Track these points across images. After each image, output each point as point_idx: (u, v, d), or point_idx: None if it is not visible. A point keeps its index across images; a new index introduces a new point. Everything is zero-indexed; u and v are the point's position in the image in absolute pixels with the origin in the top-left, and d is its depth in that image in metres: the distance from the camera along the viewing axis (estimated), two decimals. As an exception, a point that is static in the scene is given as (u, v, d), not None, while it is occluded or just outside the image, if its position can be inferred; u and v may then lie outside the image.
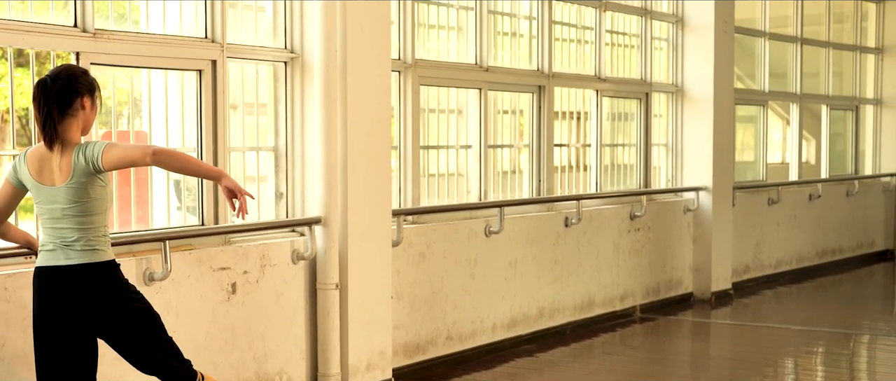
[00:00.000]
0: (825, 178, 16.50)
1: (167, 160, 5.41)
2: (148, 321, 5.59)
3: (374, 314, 8.47)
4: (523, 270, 10.50)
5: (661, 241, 12.62)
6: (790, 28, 15.68)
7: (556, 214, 11.01)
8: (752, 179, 15.11)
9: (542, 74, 11.00)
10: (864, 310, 13.39)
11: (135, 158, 5.36)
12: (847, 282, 15.46)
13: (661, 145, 13.13)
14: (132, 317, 5.51)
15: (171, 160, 5.44)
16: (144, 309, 5.58)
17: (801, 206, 15.60)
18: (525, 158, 11.02)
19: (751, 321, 12.30)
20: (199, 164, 5.72)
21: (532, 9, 11.00)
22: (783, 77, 15.77)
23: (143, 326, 5.56)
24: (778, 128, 16.14)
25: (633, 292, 12.19)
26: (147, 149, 5.34)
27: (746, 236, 14.31)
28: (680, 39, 13.16)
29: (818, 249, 16.10)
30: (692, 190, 13.06)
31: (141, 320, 5.55)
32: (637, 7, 12.55)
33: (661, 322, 11.98)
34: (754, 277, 14.55)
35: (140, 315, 5.55)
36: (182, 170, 5.60)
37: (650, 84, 12.74)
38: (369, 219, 8.36)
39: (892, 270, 16.78)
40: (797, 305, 13.74)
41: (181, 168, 5.55)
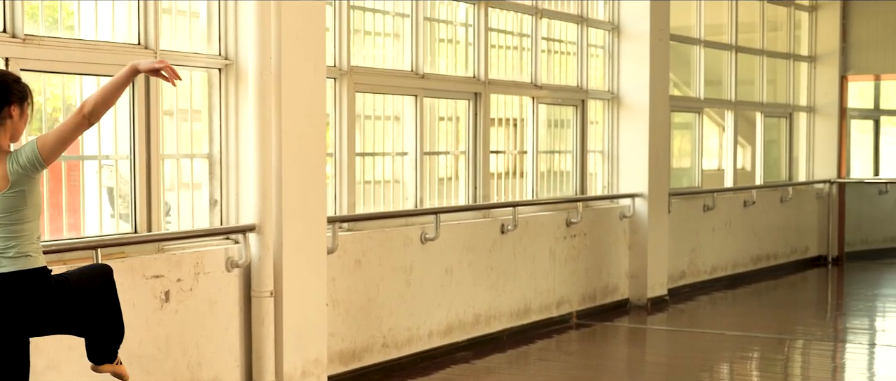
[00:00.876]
0: (760, 184, 16.64)
1: (100, 107, 5.33)
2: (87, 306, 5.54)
3: (309, 322, 8.44)
4: (459, 277, 10.50)
5: (597, 247, 12.67)
6: (725, 36, 15.80)
7: (493, 220, 11.03)
8: (687, 185, 15.20)
9: (478, 80, 11.02)
10: (799, 315, 13.51)
11: (72, 128, 5.29)
12: (781, 288, 15.58)
13: (598, 152, 13.19)
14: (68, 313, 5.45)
15: (101, 104, 5.34)
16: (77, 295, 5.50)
17: (737, 212, 15.72)
18: (461, 164, 11.02)
19: (686, 327, 12.36)
20: (115, 82, 5.56)
21: (468, 16, 11.02)
22: (718, 84, 15.89)
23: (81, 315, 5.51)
24: (714, 134, 16.26)
25: (570, 299, 12.23)
26: (79, 112, 5.28)
27: (682, 242, 14.40)
28: (616, 47, 13.23)
29: (753, 255, 16.22)
30: (628, 197, 13.13)
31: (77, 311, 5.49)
32: (573, 14, 12.60)
33: (597, 328, 12.02)
34: (690, 283, 14.64)
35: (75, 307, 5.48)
36: (111, 100, 5.45)
37: (586, 91, 12.79)
38: (304, 226, 8.33)
39: (826, 275, 16.95)
40: (732, 310, 13.84)
41: (110, 99, 5.42)
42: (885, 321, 13.11)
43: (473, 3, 10.98)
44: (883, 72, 17.82)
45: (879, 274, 16.92)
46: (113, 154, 7.64)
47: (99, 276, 5.66)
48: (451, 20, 10.89)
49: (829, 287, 16.18)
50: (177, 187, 8.12)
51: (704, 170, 15.52)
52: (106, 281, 5.66)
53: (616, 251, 13.05)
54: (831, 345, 11.36)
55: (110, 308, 5.66)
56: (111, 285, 5.67)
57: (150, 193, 7.67)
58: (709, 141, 16.05)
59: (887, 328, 12.58)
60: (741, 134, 16.59)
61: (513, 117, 11.81)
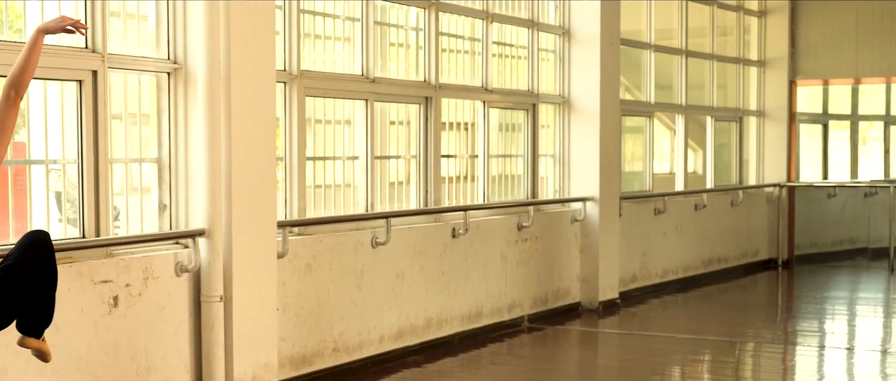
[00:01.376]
0: (710, 188, 16.73)
1: (22, 78, 5.34)
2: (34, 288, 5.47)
3: (259, 326, 8.41)
4: (410, 281, 10.50)
5: (548, 251, 12.70)
6: (675, 40, 15.88)
7: (444, 225, 11.03)
8: (639, 189, 15.27)
9: (429, 85, 11.03)
10: (749, 318, 13.58)
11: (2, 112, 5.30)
12: (732, 290, 15.67)
13: (549, 156, 13.22)
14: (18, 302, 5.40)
15: (20, 76, 5.36)
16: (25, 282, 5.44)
17: (687, 215, 15.80)
18: (413, 169, 11.02)
19: (638, 330, 12.40)
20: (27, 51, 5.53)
21: (419, 20, 11.02)
22: (669, 88, 15.97)
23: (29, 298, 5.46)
24: (666, 138, 16.34)
25: (521, 303, 12.25)
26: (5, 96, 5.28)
27: (633, 245, 14.46)
28: (566, 51, 13.27)
29: (704, 258, 16.31)
30: (579, 200, 13.16)
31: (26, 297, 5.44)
32: (524, 19, 12.63)
33: (548, 332, 12.04)
34: (641, 286, 14.70)
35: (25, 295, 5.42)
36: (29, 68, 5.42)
37: (537, 95, 12.83)
38: (254, 231, 8.31)
39: (776, 278, 17.06)
40: (683, 313, 13.90)
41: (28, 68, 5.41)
42: (835, 324, 13.19)
43: (424, 8, 10.99)
44: (831, 77, 17.97)
45: (828, 277, 17.05)
46: (61, 159, 7.59)
47: (39, 250, 5.50)
48: (402, 24, 10.89)
49: (780, 290, 16.29)
50: (126, 192, 8.07)
51: (656, 174, 15.59)
52: (47, 253, 5.53)
53: (567, 255, 13.08)
54: (781, 348, 11.42)
55: (49, 281, 5.56)
56: (50, 254, 5.53)
57: (98, 197, 7.62)
58: (660, 145, 16.13)
59: (837, 331, 12.66)
60: (692, 138, 16.69)
61: (464, 121, 11.82)
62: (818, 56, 17.69)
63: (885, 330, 12.73)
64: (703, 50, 16.59)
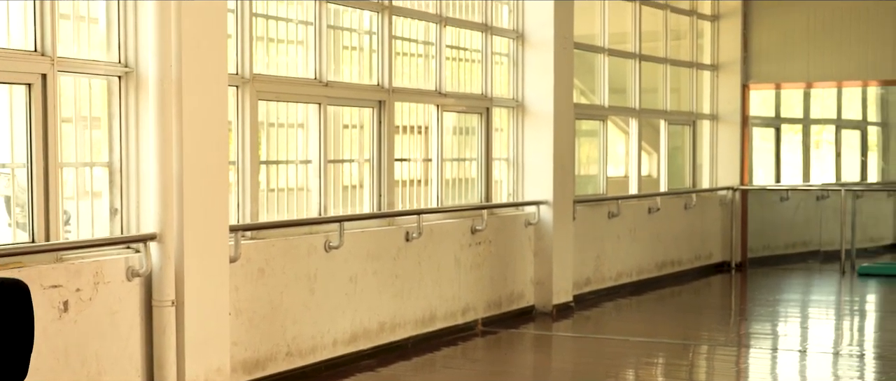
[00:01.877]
0: (664, 191, 16.80)
1: None
2: None
3: (211, 331, 8.37)
4: (364, 284, 10.48)
5: (502, 254, 12.71)
6: (629, 44, 15.94)
7: (397, 228, 11.03)
8: (592, 192, 15.31)
9: (383, 88, 11.02)
10: (703, 321, 13.65)
11: None
12: (686, 293, 15.74)
13: (503, 160, 13.24)
14: None
15: None
16: None
17: (641, 219, 15.86)
18: (366, 172, 11.01)
19: (592, 333, 12.44)
20: None
21: (372, 23, 11.01)
22: (623, 92, 16.03)
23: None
24: (620, 142, 16.40)
25: (475, 306, 12.26)
26: None
27: (587, 248, 14.50)
28: (520, 55, 13.30)
29: (658, 261, 16.38)
30: (533, 204, 13.19)
31: None
32: (478, 23, 12.64)
33: (502, 335, 12.06)
34: (595, 289, 14.74)
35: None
36: None
37: (491, 99, 12.84)
38: (206, 235, 8.27)
39: (730, 281, 17.16)
40: (637, 316, 13.95)
41: None
42: (787, 326, 13.27)
43: (378, 12, 10.99)
44: (783, 81, 18.09)
45: (781, 280, 17.15)
46: (10, 162, 7.53)
47: None
48: (356, 28, 10.88)
49: (733, 293, 16.38)
50: (76, 196, 8.02)
51: (610, 177, 15.64)
52: None
53: (521, 258, 13.11)
54: (735, 350, 11.47)
55: None
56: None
57: (48, 202, 7.57)
58: (615, 148, 16.18)
59: (789, 333, 12.74)
60: (646, 141, 16.75)
61: (418, 125, 11.82)
62: (771, 60, 17.80)
63: (837, 332, 12.82)
64: (656, 54, 16.67)
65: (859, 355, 11.23)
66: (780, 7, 17.69)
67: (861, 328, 13.30)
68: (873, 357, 11.08)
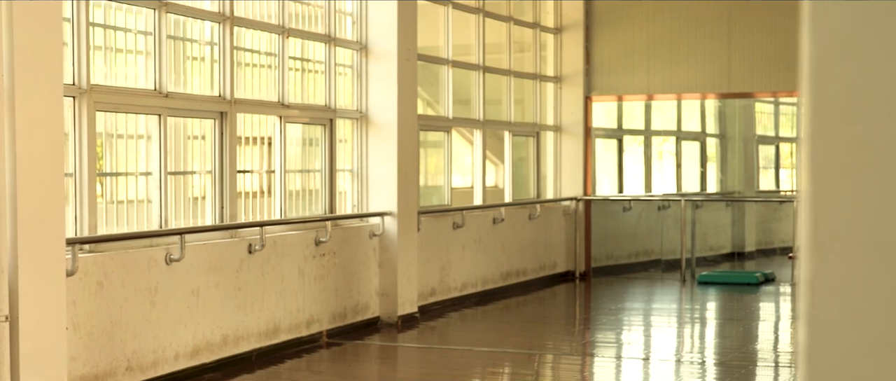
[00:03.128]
0: (509, 202, 16.94)
1: None
2: None
3: (47, 346, 8.20)
4: (206, 297, 10.38)
5: (346, 266, 12.69)
6: (473, 56, 16.06)
7: (240, 241, 10.94)
8: (438, 203, 15.38)
9: (224, 100, 10.93)
10: (548, 330, 13.78)
11: None
12: (531, 303, 15.88)
13: (347, 171, 13.22)
14: None
15: None
16: None
17: (486, 229, 15.97)
18: (209, 184, 10.91)
19: (437, 344, 12.48)
20: None
21: (214, 34, 10.92)
22: (467, 103, 16.13)
23: None
24: (468, 153, 16.50)
25: (320, 318, 12.21)
26: None
27: (432, 259, 14.55)
28: (364, 66, 13.30)
29: (502, 271, 16.50)
30: (377, 215, 13.20)
31: None
32: (321, 34, 12.62)
33: (348, 347, 12.03)
34: (440, 300, 14.79)
35: None
36: None
37: (335, 110, 12.83)
38: (41, 248, 8.10)
39: (574, 290, 17.35)
40: (483, 326, 14.03)
41: None
42: (631, 335, 13.47)
43: (219, 22, 10.90)
44: (625, 93, 18.39)
45: (624, 289, 17.40)
46: None
47: None
48: (197, 38, 10.78)
49: (577, 302, 16.57)
50: None
51: (457, 188, 15.71)
52: None
53: (366, 270, 13.10)
54: (580, 359, 11.61)
55: None
56: None
57: None
58: (462, 159, 16.27)
59: (632, 341, 12.93)
60: (493, 152, 16.88)
61: (262, 136, 11.75)
62: (613, 73, 18.09)
63: (678, 340, 13.06)
64: (500, 66, 16.81)
65: (700, 362, 11.44)
66: (621, 21, 18.00)
67: (701, 336, 13.57)
68: (713, 364, 11.30)
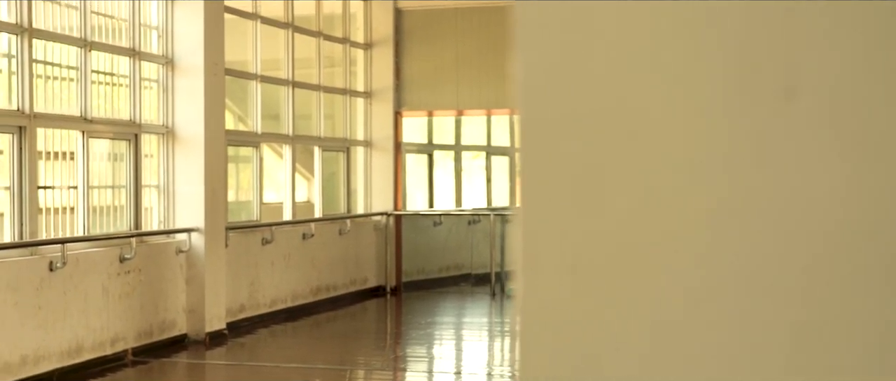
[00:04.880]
0: (319, 217, 16.89)
1: None
2: None
3: None
4: (4, 317, 10.10)
5: (153, 283, 12.50)
6: (282, 71, 15.98)
7: (41, 258, 10.69)
8: (247, 219, 15.25)
9: (23, 114, 10.66)
10: (359, 345, 13.79)
11: None
12: (342, 318, 15.86)
13: (153, 187, 13.02)
14: None
15: None
16: None
17: (295, 245, 15.88)
18: (7, 200, 10.62)
19: (247, 361, 12.39)
20: None
21: (11, 46, 10.65)
22: (277, 119, 16.05)
23: None
24: (280, 168, 16.40)
25: (125, 336, 11.99)
26: None
27: (241, 275, 14.42)
28: (170, 81, 13.13)
29: (313, 286, 16.43)
30: (184, 231, 13.03)
31: None
32: (125, 47, 12.41)
33: (154, 365, 11.85)
34: (250, 316, 14.66)
35: None
36: None
37: (140, 125, 12.63)
38: None
39: (385, 305, 17.39)
40: (293, 342, 13.97)
41: None
42: (442, 349, 13.57)
43: (17, 34, 10.63)
44: (435, 108, 18.53)
45: (435, 303, 17.50)
46: None
47: None
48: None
49: (389, 317, 16.62)
50: None
51: (268, 203, 15.61)
52: None
53: (173, 286, 12.92)
54: (391, 374, 11.65)
55: None
56: None
57: None
58: (274, 175, 16.17)
59: (444, 356, 13.03)
60: (305, 167, 16.81)
61: (64, 151, 11.50)
62: (422, 88, 18.21)
63: (489, 353, 13.19)
64: (310, 81, 16.76)
65: (511, 375, 11.57)
66: (430, 37, 18.12)
67: (512, 349, 13.71)
68: (518, 375, 11.43)
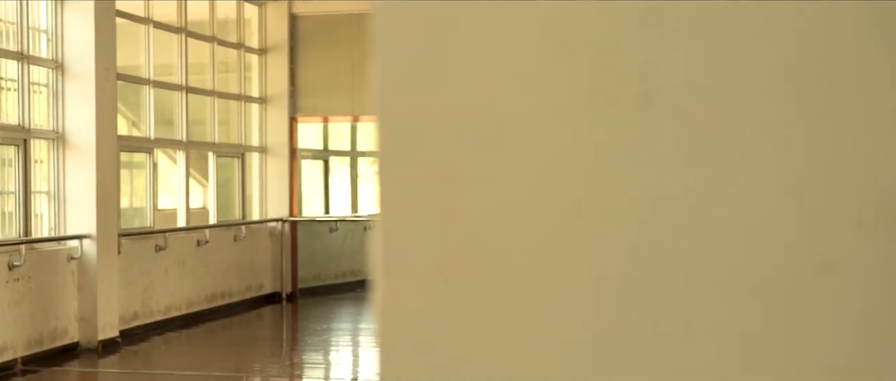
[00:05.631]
0: (213, 223, 16.77)
1: None
2: None
3: None
4: None
5: (43, 290, 12.31)
6: (176, 76, 15.85)
7: (-74, 266, 10.49)
8: (140, 225, 15.10)
9: None
10: (255, 352, 13.71)
11: None
12: (237, 325, 15.76)
13: (43, 193, 12.83)
14: None
15: None
16: None
17: (190, 251, 15.75)
18: None
19: (141, 369, 12.27)
20: None
21: None
22: (171, 124, 15.91)
23: None
24: (174, 174, 16.26)
25: (14, 345, 11.80)
26: None
27: (134, 282, 14.26)
28: (60, 85, 12.95)
29: (208, 293, 16.30)
30: (76, 238, 12.86)
31: None
32: (13, 51, 12.22)
33: (44, 374, 11.69)
34: (143, 323, 14.50)
35: None
36: None
37: (29, 130, 12.44)
38: None
39: (281, 312, 17.32)
40: (187, 350, 13.86)
41: None
42: (339, 355, 13.54)
43: None
44: (330, 114, 18.50)
45: (331, 309, 17.46)
46: None
47: None
48: None
49: (285, 323, 16.55)
50: None
51: (163, 209, 15.47)
52: None
53: (64, 294, 12.74)
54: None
55: None
56: None
57: None
58: (170, 181, 16.03)
59: (340, 362, 13.01)
60: (200, 173, 16.67)
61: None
62: (318, 94, 18.16)
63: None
64: (204, 86, 16.64)
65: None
66: (325, 43, 18.07)
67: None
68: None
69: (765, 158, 0.88)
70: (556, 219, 0.92)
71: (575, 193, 0.91)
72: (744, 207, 0.89)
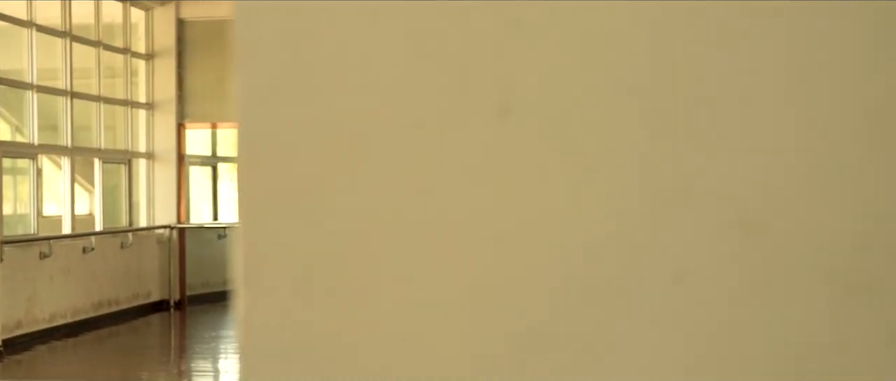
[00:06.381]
0: (100, 230, 16.56)
1: None
2: None
3: None
4: None
5: (-77, 300, 12.08)
6: (60, 81, 15.61)
7: None
8: (24, 232, 14.86)
9: None
10: (143, 360, 13.58)
11: None
12: (125, 333, 15.59)
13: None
14: None
15: None
16: None
17: (75, 258, 15.53)
18: None
19: (23, 378, 12.10)
20: None
21: None
22: (56, 129, 15.68)
23: None
24: (58, 181, 16.02)
25: None
26: None
27: (17, 290, 14.03)
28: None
29: (94, 301, 16.08)
30: (-43, 246, 12.64)
31: None
32: None
33: (-77, 385, 11.48)
34: (27, 332, 14.27)
35: None
36: None
37: None
38: None
39: (169, 319, 17.16)
40: (74, 358, 13.68)
41: None
42: (228, 362, 13.44)
43: None
44: (219, 120, 18.36)
45: (220, 316, 17.32)
46: None
47: None
48: None
49: (173, 331, 16.40)
50: None
51: (45, 216, 15.23)
52: None
53: (-56, 303, 12.51)
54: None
55: None
56: None
57: None
58: (54, 187, 15.80)
59: (230, 370, 12.91)
60: (86, 179, 16.45)
61: None
62: (205, 100, 18.02)
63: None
64: (90, 91, 16.42)
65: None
66: (213, 49, 17.92)
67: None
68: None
69: (622, 169, 0.89)
70: (418, 227, 0.92)
71: (437, 201, 0.92)
72: (602, 216, 0.90)
